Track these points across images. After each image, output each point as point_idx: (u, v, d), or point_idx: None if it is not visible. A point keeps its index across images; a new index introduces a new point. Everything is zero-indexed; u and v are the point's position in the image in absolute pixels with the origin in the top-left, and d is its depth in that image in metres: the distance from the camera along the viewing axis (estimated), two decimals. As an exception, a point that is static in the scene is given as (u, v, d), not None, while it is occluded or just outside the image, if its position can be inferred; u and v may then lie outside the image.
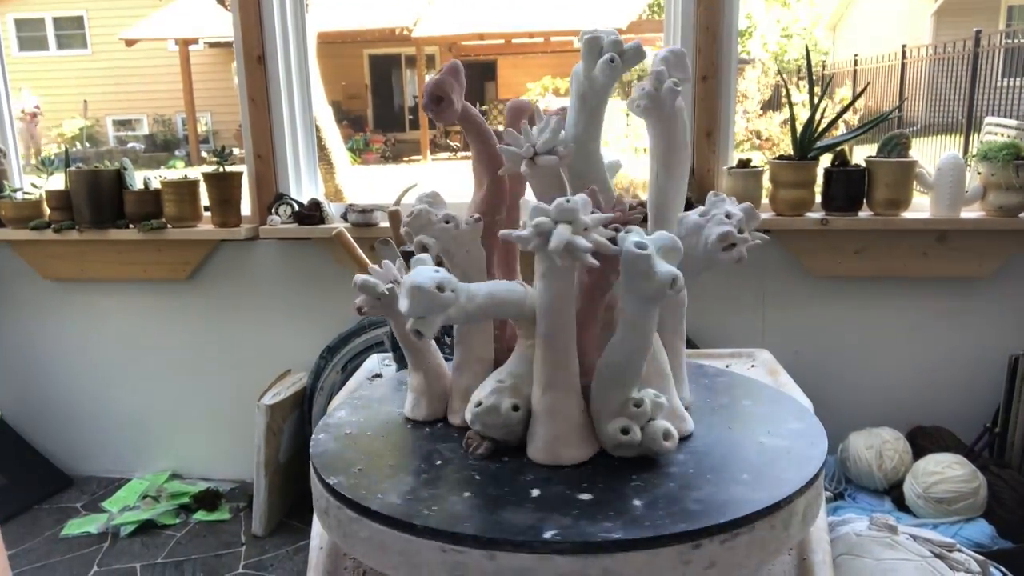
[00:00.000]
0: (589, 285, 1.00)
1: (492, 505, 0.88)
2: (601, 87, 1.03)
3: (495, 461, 0.99)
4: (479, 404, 1.00)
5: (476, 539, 0.82)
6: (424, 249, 1.03)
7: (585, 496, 0.90)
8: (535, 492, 0.91)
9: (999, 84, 7.47)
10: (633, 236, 0.88)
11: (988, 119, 2.50)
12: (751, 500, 0.87)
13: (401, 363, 1.72)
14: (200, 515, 2.55)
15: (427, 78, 1.10)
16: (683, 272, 0.88)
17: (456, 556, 0.82)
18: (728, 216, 0.98)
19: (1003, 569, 1.76)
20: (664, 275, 0.86)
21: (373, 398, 1.23)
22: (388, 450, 1.06)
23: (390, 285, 1.07)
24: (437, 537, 0.83)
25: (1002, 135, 2.35)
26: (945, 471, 2.05)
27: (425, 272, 0.87)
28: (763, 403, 1.18)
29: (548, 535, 0.81)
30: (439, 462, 1.00)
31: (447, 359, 1.19)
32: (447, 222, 1.04)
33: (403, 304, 0.86)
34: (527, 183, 1.16)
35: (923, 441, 2.29)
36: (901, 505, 2.12)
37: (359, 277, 1.07)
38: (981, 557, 1.70)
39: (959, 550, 1.68)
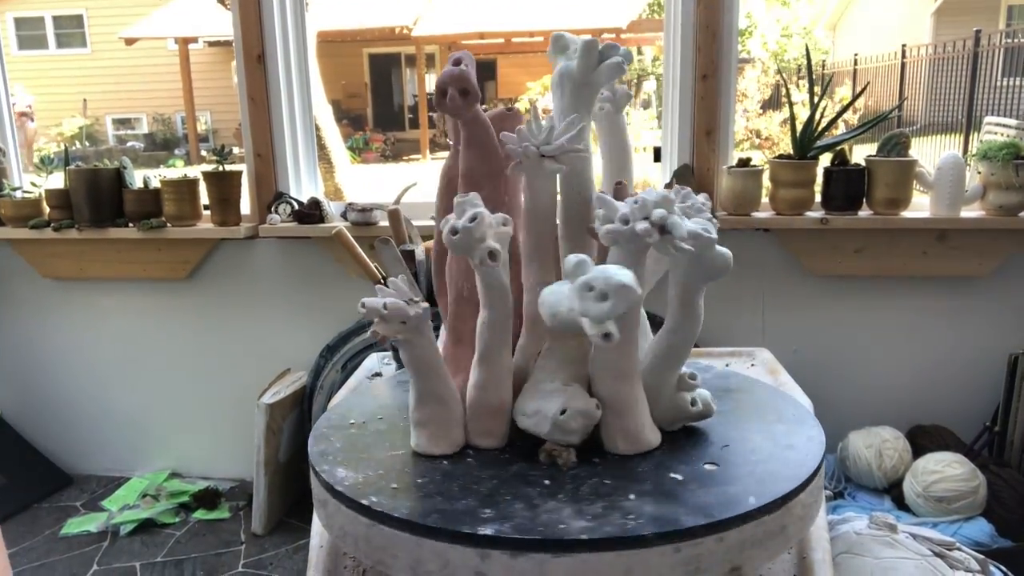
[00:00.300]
0: None
1: (668, 497, 0.88)
2: (597, 87, 1.05)
3: (589, 464, 0.97)
4: (564, 411, 0.96)
5: (708, 527, 0.82)
6: (492, 256, 0.94)
7: (712, 467, 0.95)
8: (677, 475, 0.93)
9: (999, 83, 7.47)
10: (690, 223, 0.92)
11: (988, 118, 2.50)
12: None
13: (401, 362, 1.72)
14: (200, 514, 2.55)
15: (444, 70, 1.05)
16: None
17: (693, 549, 0.81)
18: (703, 205, 1.04)
19: (1003, 568, 1.76)
20: (727, 255, 0.94)
21: (339, 449, 1.06)
22: (475, 488, 0.93)
23: (424, 305, 0.97)
24: (670, 539, 0.81)
25: (1002, 134, 2.35)
26: (945, 470, 2.05)
27: (615, 269, 0.85)
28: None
29: (752, 501, 0.85)
30: (547, 481, 0.93)
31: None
32: (504, 224, 0.98)
33: (604, 307, 0.83)
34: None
35: (923, 440, 2.29)
36: (901, 504, 2.13)
37: (383, 303, 0.94)
38: (981, 556, 1.70)
39: (959, 549, 1.69)
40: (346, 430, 1.14)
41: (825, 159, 2.31)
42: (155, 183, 2.52)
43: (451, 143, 1.17)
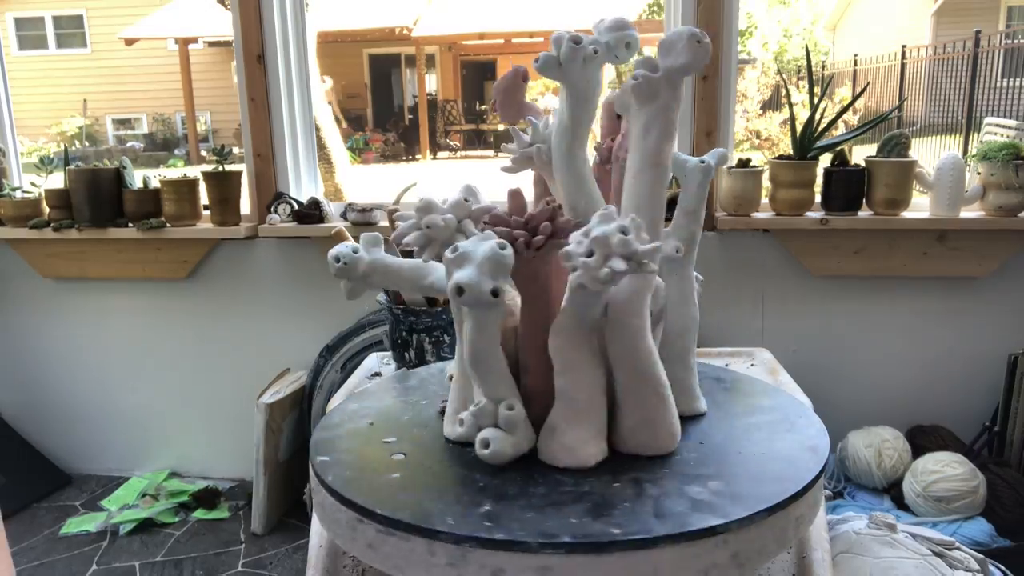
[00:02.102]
0: None
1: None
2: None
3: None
4: None
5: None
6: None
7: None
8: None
9: (999, 84, 7.48)
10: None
11: (988, 119, 2.51)
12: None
13: (400, 362, 1.72)
14: (199, 513, 2.55)
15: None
16: None
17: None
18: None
19: (1002, 567, 1.76)
20: None
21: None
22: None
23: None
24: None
25: (1002, 135, 2.35)
26: (944, 470, 2.05)
27: None
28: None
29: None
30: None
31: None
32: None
33: None
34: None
35: (922, 440, 2.29)
36: (900, 504, 2.13)
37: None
38: (980, 555, 1.70)
39: (958, 548, 1.69)
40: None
41: (825, 160, 2.31)
42: (155, 183, 2.52)
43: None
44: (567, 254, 0.87)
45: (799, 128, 2.26)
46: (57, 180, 2.59)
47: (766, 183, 2.34)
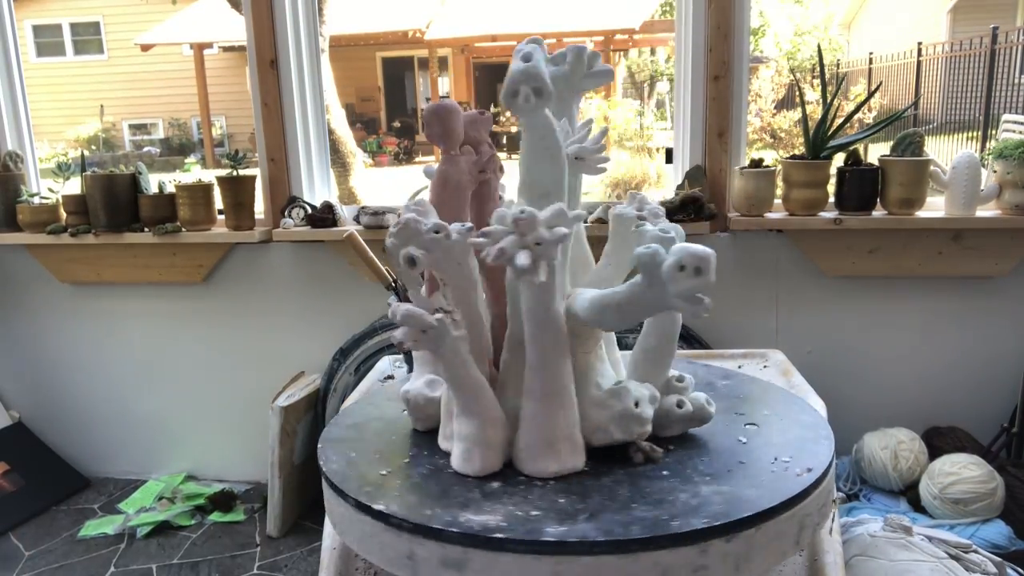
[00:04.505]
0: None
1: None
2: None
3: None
4: (636, 404, 0.96)
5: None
6: (412, 262, 0.93)
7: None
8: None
9: (1017, 81, 7.40)
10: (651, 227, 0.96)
11: (1006, 116, 2.49)
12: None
13: (411, 365, 1.73)
14: (215, 516, 2.57)
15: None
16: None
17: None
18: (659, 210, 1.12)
19: (1020, 571, 1.74)
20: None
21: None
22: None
23: (438, 315, 0.92)
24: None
25: (1019, 132, 2.33)
26: (961, 471, 2.03)
27: (694, 245, 0.84)
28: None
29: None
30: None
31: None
32: (437, 232, 0.94)
33: (700, 281, 0.81)
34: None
35: (939, 442, 2.27)
36: (917, 506, 2.11)
37: (402, 307, 0.91)
38: (998, 558, 1.69)
39: (975, 551, 1.67)
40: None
41: (839, 159, 2.30)
42: (170, 188, 2.55)
43: (443, 148, 1.10)
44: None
45: (812, 127, 2.24)
46: (74, 186, 2.62)
47: (779, 183, 2.33)
